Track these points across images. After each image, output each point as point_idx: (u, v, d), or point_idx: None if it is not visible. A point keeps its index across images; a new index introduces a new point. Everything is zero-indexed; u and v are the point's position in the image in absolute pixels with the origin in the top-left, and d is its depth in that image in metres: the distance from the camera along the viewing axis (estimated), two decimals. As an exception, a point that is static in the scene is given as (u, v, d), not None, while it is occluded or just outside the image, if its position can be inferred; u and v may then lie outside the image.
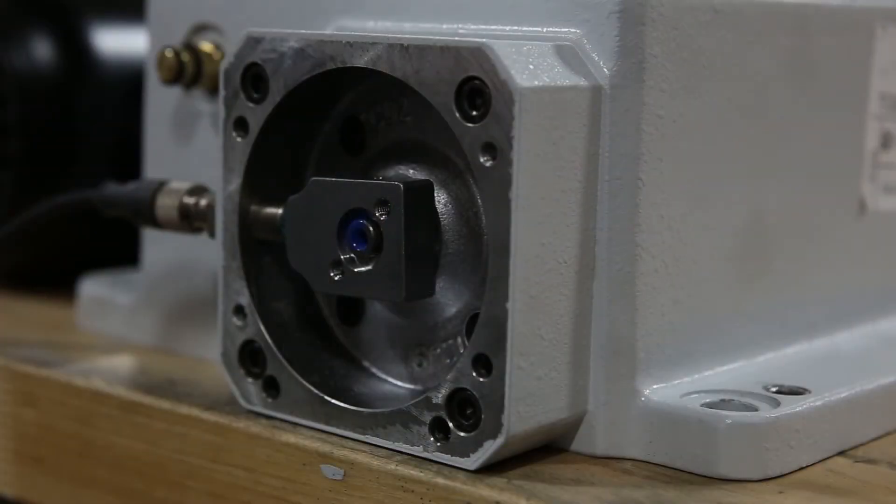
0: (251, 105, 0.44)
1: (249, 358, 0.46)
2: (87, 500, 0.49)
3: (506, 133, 0.39)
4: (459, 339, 0.44)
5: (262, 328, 0.45)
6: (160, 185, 0.50)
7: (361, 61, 0.42)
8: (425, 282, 0.42)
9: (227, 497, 0.45)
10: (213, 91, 0.51)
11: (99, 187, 0.51)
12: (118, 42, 0.62)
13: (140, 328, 0.55)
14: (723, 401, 0.43)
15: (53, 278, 0.64)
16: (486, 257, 0.41)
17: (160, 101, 0.54)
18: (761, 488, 0.41)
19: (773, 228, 0.47)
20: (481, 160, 0.39)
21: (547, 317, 0.40)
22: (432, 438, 0.41)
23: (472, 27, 0.44)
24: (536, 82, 0.39)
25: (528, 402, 0.40)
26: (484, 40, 0.39)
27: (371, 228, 0.42)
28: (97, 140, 0.61)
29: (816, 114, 0.49)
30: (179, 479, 0.47)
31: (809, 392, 0.44)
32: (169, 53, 0.51)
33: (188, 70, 0.51)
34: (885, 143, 0.53)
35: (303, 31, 0.44)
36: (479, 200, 0.42)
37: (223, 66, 0.45)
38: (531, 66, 0.40)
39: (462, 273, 0.43)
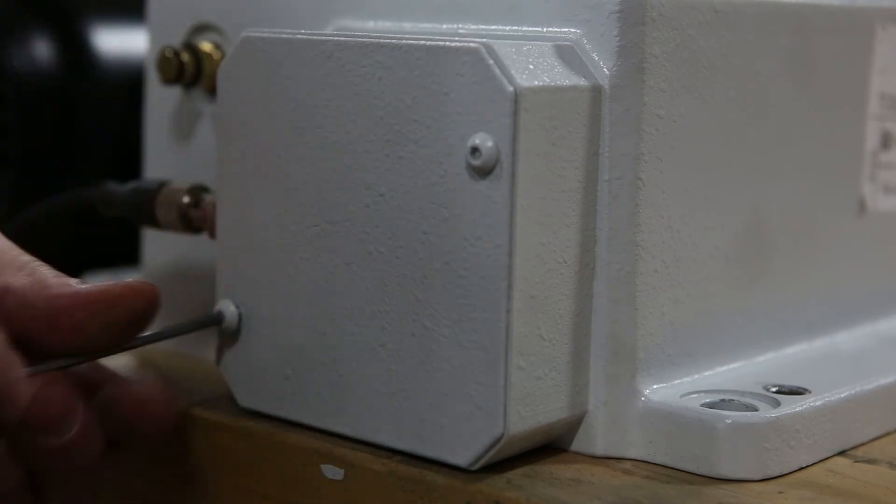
0: None
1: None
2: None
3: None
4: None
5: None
6: (160, 186, 0.50)
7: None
8: None
9: (227, 497, 0.45)
10: (212, 91, 0.51)
11: (99, 187, 0.51)
12: (118, 42, 0.62)
13: (140, 328, 0.55)
14: (723, 401, 0.43)
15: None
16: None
17: (160, 101, 0.54)
18: (761, 488, 0.41)
19: (773, 228, 0.47)
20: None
21: (547, 317, 0.40)
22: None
23: (472, 27, 0.44)
24: (536, 82, 0.39)
25: (528, 402, 0.40)
26: (484, 40, 0.39)
27: None
28: (97, 140, 0.61)
29: (816, 114, 0.49)
30: (179, 479, 0.47)
31: (809, 392, 0.44)
32: (169, 53, 0.51)
33: (188, 70, 0.51)
34: (885, 143, 0.53)
35: (303, 31, 0.44)
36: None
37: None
38: (531, 66, 0.39)
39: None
